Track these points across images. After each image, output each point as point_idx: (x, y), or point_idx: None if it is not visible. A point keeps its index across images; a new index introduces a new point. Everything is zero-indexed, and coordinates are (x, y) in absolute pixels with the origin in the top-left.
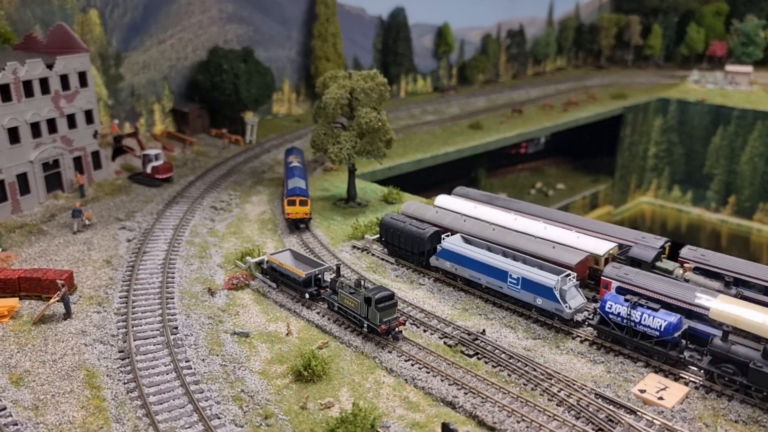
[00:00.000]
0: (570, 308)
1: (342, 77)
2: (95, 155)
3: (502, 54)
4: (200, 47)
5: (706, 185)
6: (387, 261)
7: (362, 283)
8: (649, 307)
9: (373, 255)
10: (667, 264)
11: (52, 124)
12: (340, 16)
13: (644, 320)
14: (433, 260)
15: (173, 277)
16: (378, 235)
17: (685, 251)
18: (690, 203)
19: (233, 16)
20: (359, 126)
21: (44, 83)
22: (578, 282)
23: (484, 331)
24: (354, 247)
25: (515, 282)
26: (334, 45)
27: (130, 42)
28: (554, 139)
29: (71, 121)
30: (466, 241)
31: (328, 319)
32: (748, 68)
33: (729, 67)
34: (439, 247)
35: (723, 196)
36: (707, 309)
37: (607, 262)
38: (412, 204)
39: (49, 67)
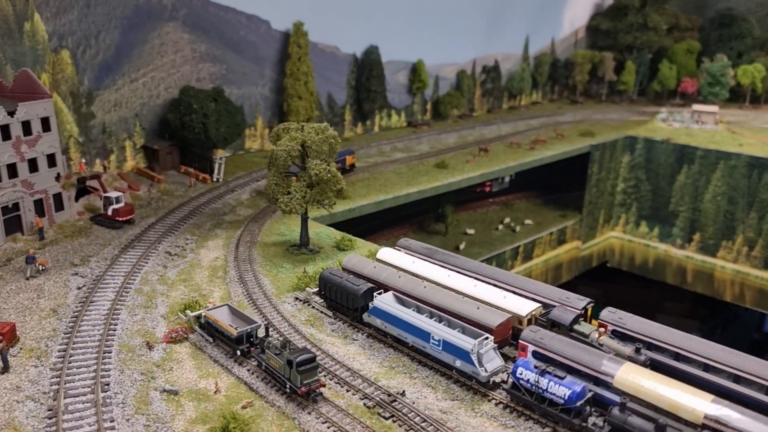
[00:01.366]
0: (486, 371)
1: (294, 129)
2: (57, 197)
3: (477, 89)
4: (173, 85)
5: (672, 222)
6: (326, 314)
7: (287, 344)
8: (555, 375)
9: (313, 307)
10: (584, 327)
11: (12, 169)
12: (314, 54)
13: (550, 388)
14: (366, 317)
15: (115, 329)
16: (318, 288)
17: (605, 313)
18: (657, 239)
19: (206, 55)
20: (309, 177)
21: (5, 129)
22: (497, 345)
23: (403, 392)
24: (296, 298)
25: (437, 343)
26: (305, 84)
27: (102, 81)
28: (524, 174)
29: (33, 165)
30: (398, 299)
31: (257, 377)
32: (714, 108)
33: (696, 107)
34: (371, 305)
35: (688, 233)
36: (612, 377)
37: (530, 322)
38: (352, 258)
39: (11, 114)
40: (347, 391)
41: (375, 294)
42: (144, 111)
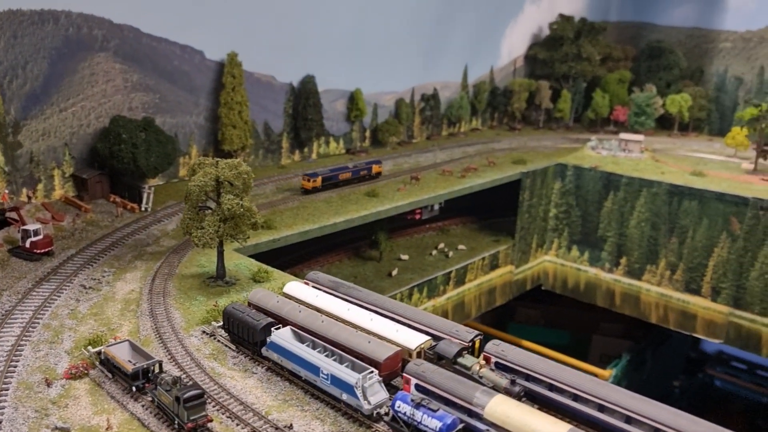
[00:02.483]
0: (370, 404)
1: (208, 165)
2: None
3: (417, 116)
4: (103, 114)
5: (600, 246)
6: (230, 348)
7: (178, 380)
8: (429, 408)
9: (218, 341)
10: (467, 360)
11: None
12: (250, 83)
13: (424, 420)
14: (264, 351)
15: (16, 366)
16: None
17: (489, 346)
18: (587, 263)
19: (138, 85)
20: (223, 212)
21: None
22: (386, 378)
23: (291, 425)
24: (203, 332)
25: (326, 377)
26: (240, 113)
27: (30, 110)
28: (461, 200)
29: None
30: (295, 333)
31: (151, 413)
32: (640, 137)
33: (622, 135)
34: (268, 339)
35: (615, 257)
36: (483, 408)
37: (420, 355)
38: (258, 292)
39: None
40: (237, 425)
41: (272, 329)
42: (74, 140)
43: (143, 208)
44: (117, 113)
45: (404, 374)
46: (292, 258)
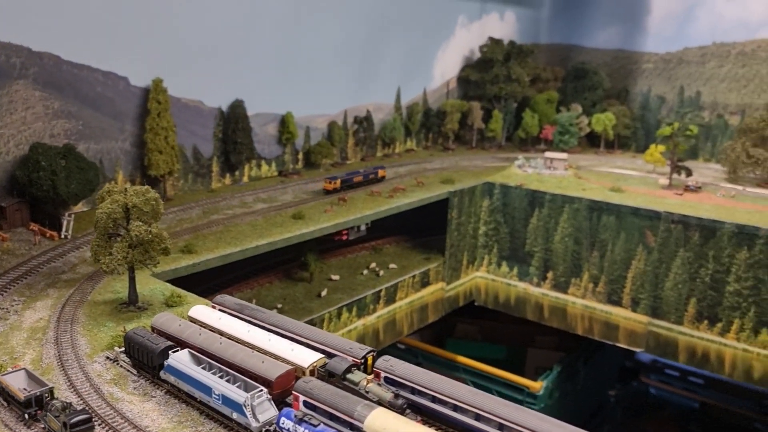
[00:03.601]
0: (258, 422)
1: (117, 192)
2: None
3: (350, 138)
4: (23, 142)
5: (528, 262)
6: (131, 373)
7: (68, 406)
8: (310, 423)
9: (121, 366)
10: (356, 376)
11: None
12: (178, 108)
13: None
14: (162, 374)
15: None
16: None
17: (379, 362)
18: (516, 278)
19: (60, 112)
20: (131, 238)
21: None
22: (279, 396)
23: None
24: (107, 358)
25: (218, 397)
26: (166, 138)
27: None
28: (393, 219)
29: None
30: (193, 356)
31: None
32: (564, 155)
33: (547, 154)
34: (165, 362)
35: (542, 272)
36: (362, 422)
37: (313, 373)
38: (161, 317)
39: None
40: None
41: (170, 352)
42: None
43: (63, 236)
44: (37, 140)
45: (293, 392)
46: (222, 281)
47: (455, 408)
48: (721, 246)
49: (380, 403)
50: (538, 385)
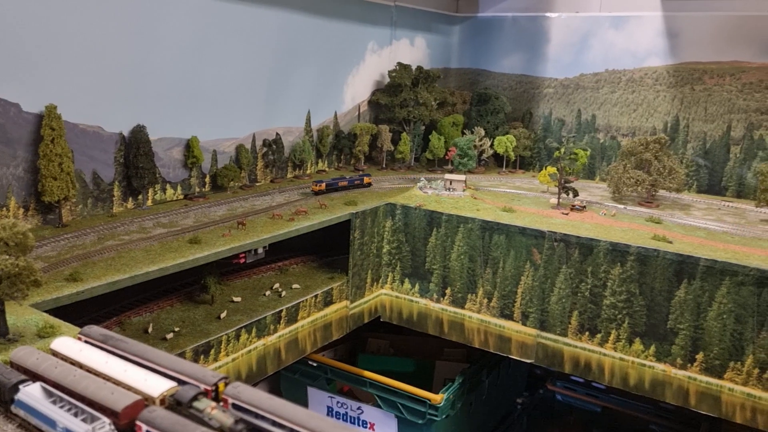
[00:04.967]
0: None
1: None
2: None
3: (260, 161)
4: None
5: (428, 279)
6: None
7: None
8: None
9: None
10: (201, 403)
11: None
12: (75, 134)
13: None
14: (13, 408)
15: None
16: None
17: (228, 389)
18: (418, 294)
19: None
20: None
21: None
22: (123, 426)
23: None
24: None
25: (63, 429)
26: (60, 164)
27: None
28: (301, 239)
29: None
30: (45, 389)
31: None
32: (462, 177)
33: (447, 176)
34: (15, 397)
35: (441, 288)
36: None
37: (163, 402)
38: (20, 350)
39: None
40: None
41: (21, 386)
42: None
43: None
44: None
45: (136, 421)
46: (119, 307)
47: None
48: (598, 262)
49: (221, 429)
50: (439, 398)
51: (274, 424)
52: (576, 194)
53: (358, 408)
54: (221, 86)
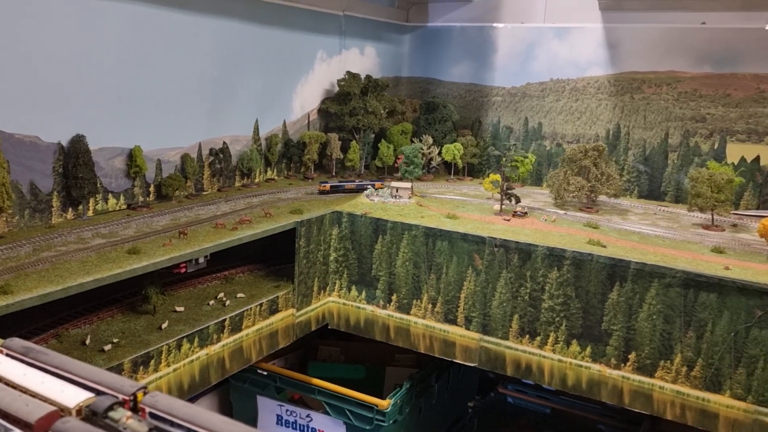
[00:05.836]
0: None
1: None
2: None
3: (206, 170)
4: None
5: (375, 285)
6: None
7: None
8: None
9: None
10: (117, 413)
11: None
12: (11, 144)
13: None
14: None
15: None
16: None
17: (146, 398)
18: (365, 301)
19: None
20: None
21: None
22: None
23: None
24: None
25: None
26: None
27: None
28: (248, 248)
29: None
30: None
31: None
32: (408, 184)
33: (393, 183)
34: None
35: (388, 295)
36: None
37: (80, 412)
38: None
39: None
40: None
41: None
42: None
43: None
44: None
45: None
46: (55, 320)
47: None
48: (536, 267)
49: None
50: (386, 403)
51: (189, 431)
52: (518, 200)
53: (307, 416)
54: (164, 95)
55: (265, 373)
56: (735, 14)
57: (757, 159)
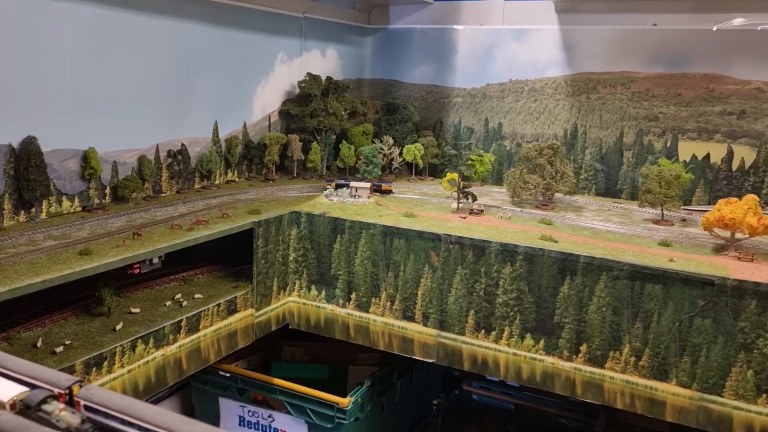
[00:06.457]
0: None
1: None
2: None
3: (164, 172)
4: None
5: (334, 284)
6: None
7: None
8: None
9: None
10: (51, 406)
11: None
12: None
13: None
14: None
15: None
16: None
17: (81, 391)
18: (325, 300)
19: None
20: None
21: None
22: None
23: None
24: None
25: None
26: None
27: None
28: (207, 249)
29: None
30: None
31: None
32: (367, 184)
33: (353, 183)
34: None
35: (347, 293)
36: None
37: (14, 407)
38: None
39: None
40: None
41: None
42: None
43: None
44: None
45: None
46: (6, 323)
47: (140, 428)
48: (490, 263)
49: (68, 430)
50: (346, 401)
51: (124, 422)
52: (475, 198)
53: (269, 416)
54: (120, 97)
55: (228, 374)
56: (686, 16)
57: (708, 156)
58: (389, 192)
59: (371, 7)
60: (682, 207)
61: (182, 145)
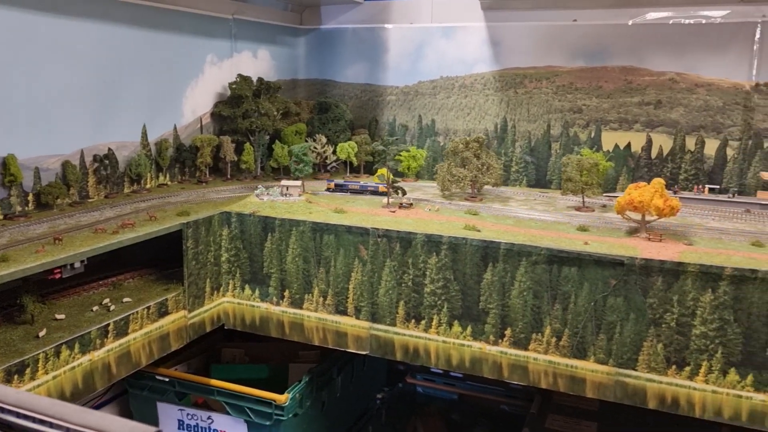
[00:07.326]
0: None
1: None
2: None
3: (91, 176)
4: None
5: (267, 283)
6: None
7: None
8: None
9: None
10: None
11: None
12: None
13: None
14: None
15: None
16: None
17: None
18: (259, 299)
19: None
20: None
21: None
22: None
23: None
24: None
25: None
26: None
27: None
28: (138, 252)
29: None
30: None
31: None
32: (298, 182)
33: (283, 182)
34: None
35: (280, 291)
36: None
37: None
38: None
39: None
40: None
41: None
42: None
43: None
44: None
45: None
46: None
47: (42, 422)
48: (417, 254)
49: None
50: (283, 398)
51: (18, 415)
52: (404, 193)
53: (208, 417)
54: (41, 102)
55: (166, 379)
56: (604, 11)
57: (629, 145)
58: (385, 194)
59: (303, 8)
60: (603, 194)
61: (109, 149)
